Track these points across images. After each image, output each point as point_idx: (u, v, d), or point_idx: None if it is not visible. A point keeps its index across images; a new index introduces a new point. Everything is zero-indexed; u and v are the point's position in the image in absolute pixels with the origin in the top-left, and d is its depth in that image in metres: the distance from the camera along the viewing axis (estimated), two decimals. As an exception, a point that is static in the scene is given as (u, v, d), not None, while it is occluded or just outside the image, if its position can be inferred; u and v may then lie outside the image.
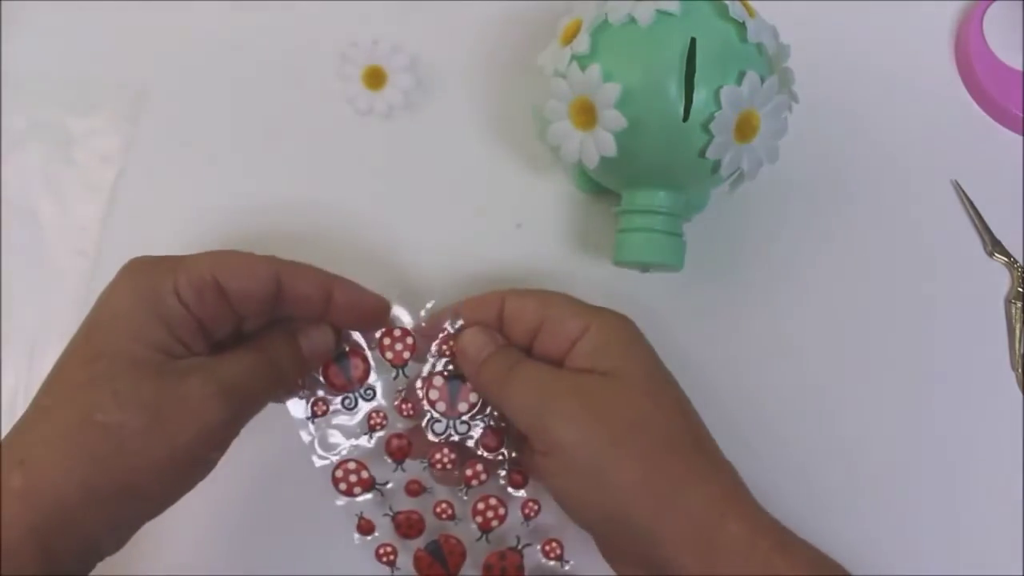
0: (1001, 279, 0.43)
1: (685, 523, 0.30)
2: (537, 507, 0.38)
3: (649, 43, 0.35)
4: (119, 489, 0.29)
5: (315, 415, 0.38)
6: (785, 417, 0.41)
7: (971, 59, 0.46)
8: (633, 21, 0.35)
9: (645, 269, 0.42)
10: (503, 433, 0.37)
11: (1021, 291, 0.43)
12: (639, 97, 0.35)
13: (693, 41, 0.34)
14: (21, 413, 0.34)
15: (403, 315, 0.38)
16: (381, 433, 0.38)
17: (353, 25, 0.46)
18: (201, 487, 0.32)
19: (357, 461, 0.38)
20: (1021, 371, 0.42)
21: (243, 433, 0.34)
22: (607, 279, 0.42)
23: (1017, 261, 0.43)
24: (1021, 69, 0.46)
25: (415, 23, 0.46)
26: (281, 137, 0.45)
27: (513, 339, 0.36)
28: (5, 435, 0.30)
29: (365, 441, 0.38)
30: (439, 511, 0.38)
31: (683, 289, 0.43)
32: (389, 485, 0.38)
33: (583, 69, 0.35)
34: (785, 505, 0.37)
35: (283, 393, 0.37)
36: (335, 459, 0.38)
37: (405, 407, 0.37)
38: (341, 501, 0.38)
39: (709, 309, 0.43)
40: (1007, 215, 0.44)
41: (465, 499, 0.38)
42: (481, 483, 0.37)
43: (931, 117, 0.46)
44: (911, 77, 0.46)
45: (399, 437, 0.38)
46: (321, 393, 0.38)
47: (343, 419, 0.38)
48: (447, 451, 0.36)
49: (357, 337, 0.37)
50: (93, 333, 0.31)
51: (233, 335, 0.35)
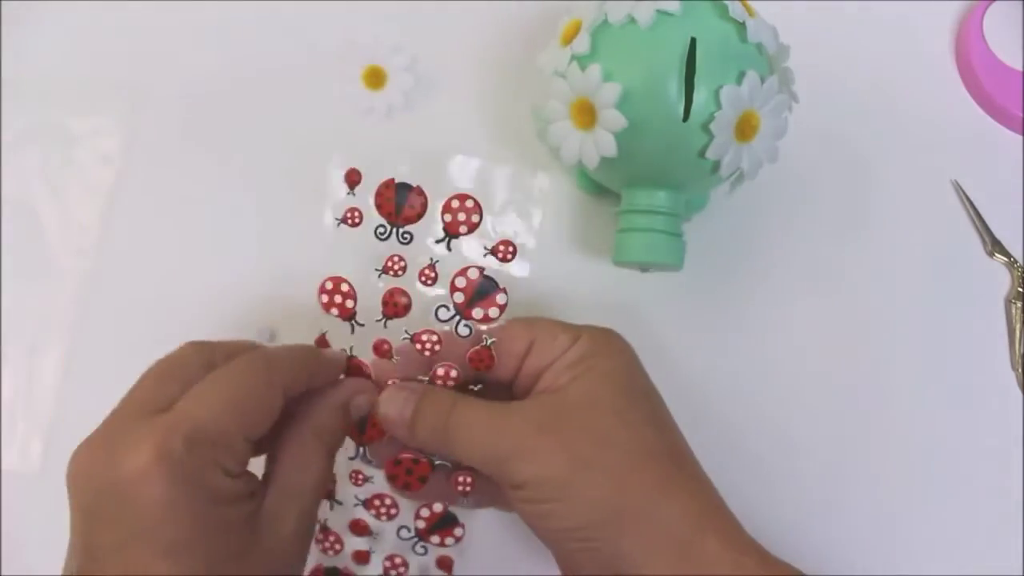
0: (1001, 279, 0.43)
1: (658, 538, 0.29)
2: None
3: (649, 43, 0.35)
4: None
5: None
6: (785, 417, 0.41)
7: (971, 59, 0.46)
8: (633, 21, 0.35)
9: (645, 269, 0.42)
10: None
11: (1021, 291, 0.43)
12: (639, 97, 0.35)
13: (693, 41, 0.34)
14: (21, 412, 0.33)
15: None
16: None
17: (353, 25, 0.46)
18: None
19: None
20: (1021, 371, 0.42)
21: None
22: (607, 279, 0.42)
23: (1017, 261, 0.43)
24: (1021, 69, 0.46)
25: (415, 23, 0.46)
26: (281, 137, 0.45)
27: (496, 374, 0.35)
28: None
29: None
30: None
31: (683, 289, 0.43)
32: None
33: (583, 69, 0.35)
34: (784, 504, 0.38)
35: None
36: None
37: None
38: None
39: (709, 309, 0.43)
40: (1007, 215, 0.44)
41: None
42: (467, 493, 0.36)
43: (931, 117, 0.46)
44: (911, 77, 0.46)
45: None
46: None
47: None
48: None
49: None
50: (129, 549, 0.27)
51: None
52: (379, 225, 0.36)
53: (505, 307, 0.35)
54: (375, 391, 0.35)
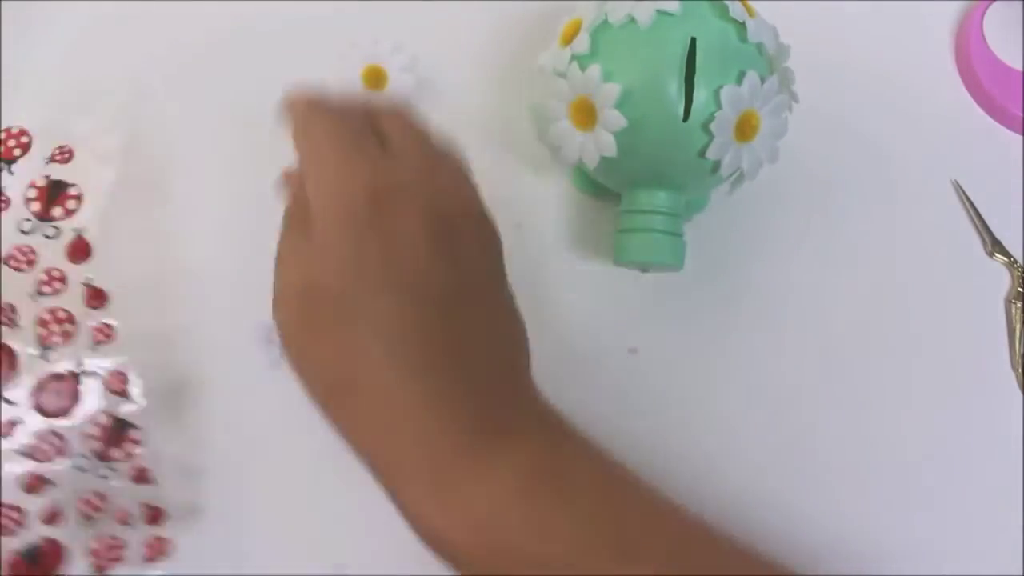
0: (1001, 279, 0.43)
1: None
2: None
3: (649, 43, 0.35)
4: None
5: None
6: (784, 417, 0.41)
7: (971, 59, 0.46)
8: (633, 21, 0.35)
9: (645, 269, 0.42)
10: None
11: (1021, 291, 0.43)
12: (639, 97, 0.35)
13: (693, 41, 0.34)
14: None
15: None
16: None
17: (353, 25, 0.46)
18: None
19: None
20: (1021, 371, 0.42)
21: None
22: (607, 279, 0.42)
23: (1017, 261, 0.43)
24: (1021, 69, 0.46)
25: (415, 23, 0.46)
26: (282, 136, 0.45)
27: None
28: None
29: None
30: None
31: (683, 289, 0.43)
32: None
33: (583, 69, 0.35)
34: (783, 503, 0.38)
35: None
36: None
37: None
38: None
39: (709, 309, 0.43)
40: (1007, 215, 0.44)
41: None
42: None
43: (931, 117, 0.46)
44: (911, 77, 0.46)
45: None
46: None
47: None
48: None
49: None
50: None
51: None
52: None
53: None
54: None
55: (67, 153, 0.35)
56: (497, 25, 0.46)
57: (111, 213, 0.37)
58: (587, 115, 0.36)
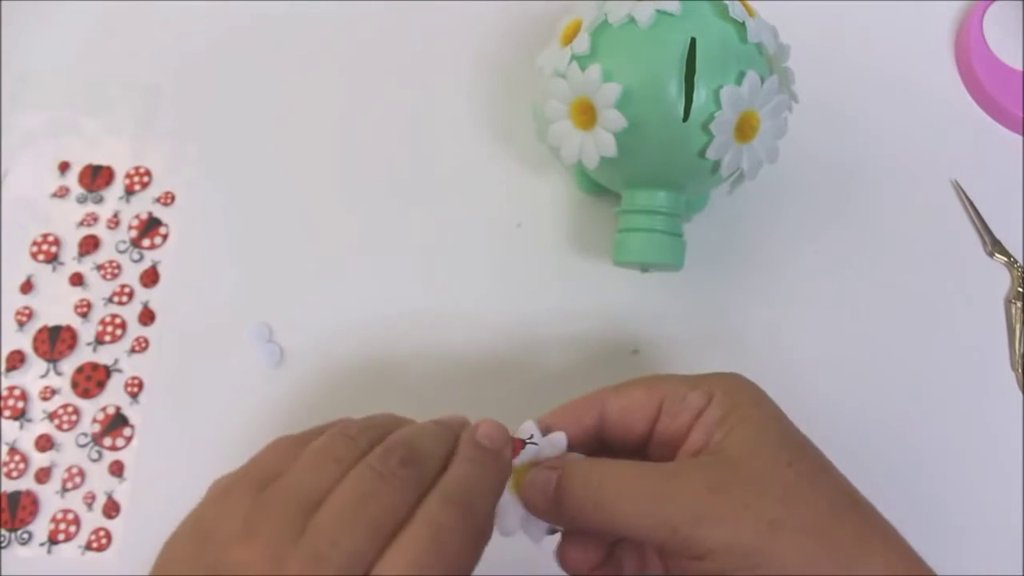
0: (1001, 279, 0.43)
1: None
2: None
3: (649, 43, 0.35)
4: None
5: None
6: (785, 417, 0.41)
7: (971, 59, 0.46)
8: (633, 21, 0.35)
9: (645, 269, 0.42)
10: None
11: (1021, 291, 0.43)
12: (639, 97, 0.35)
13: (693, 41, 0.34)
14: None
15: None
16: None
17: (353, 25, 0.46)
18: None
19: None
20: (1021, 371, 0.42)
21: None
22: (607, 279, 0.42)
23: (1017, 261, 0.43)
24: (1021, 69, 0.46)
25: (416, 22, 0.46)
26: (283, 136, 0.45)
27: (627, 440, 0.31)
28: None
29: None
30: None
31: (683, 289, 0.43)
32: None
33: (583, 69, 0.35)
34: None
35: None
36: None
37: None
38: None
39: (709, 309, 0.43)
40: (1007, 215, 0.44)
41: None
42: None
43: (931, 117, 0.46)
44: (911, 77, 0.46)
45: None
46: None
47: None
48: None
49: None
50: None
51: None
52: None
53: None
54: None
55: (170, 198, 0.44)
56: (497, 25, 0.46)
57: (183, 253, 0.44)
58: (587, 115, 0.36)
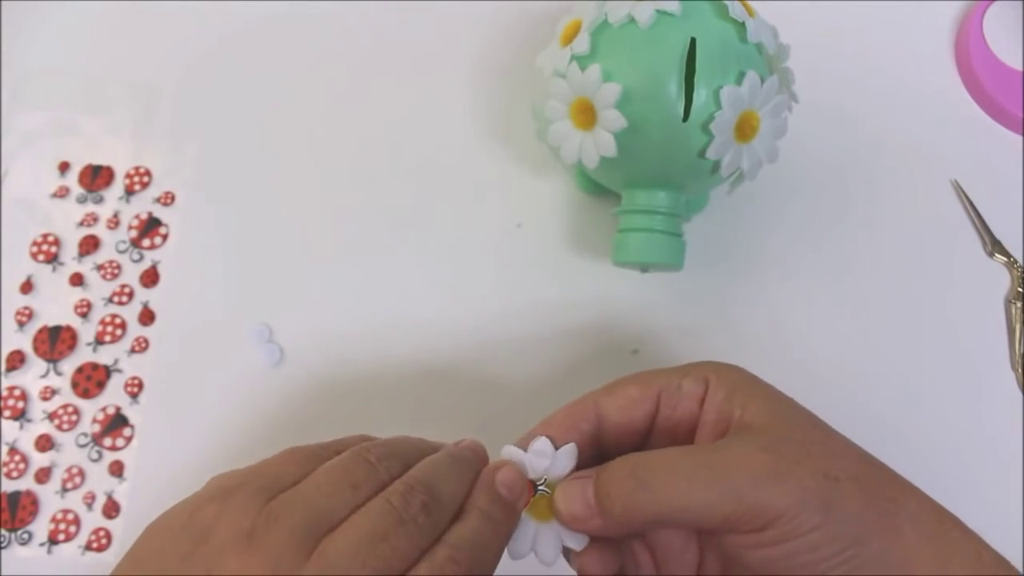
0: (1001, 279, 0.43)
1: (916, 535, 0.28)
2: None
3: (649, 43, 0.35)
4: None
5: None
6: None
7: (971, 59, 0.46)
8: (633, 21, 0.35)
9: (645, 269, 0.42)
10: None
11: (1021, 291, 0.43)
12: (639, 97, 0.35)
13: (693, 41, 0.34)
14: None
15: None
16: None
17: (353, 25, 0.46)
18: None
19: None
20: (1021, 371, 0.42)
21: None
22: (607, 279, 0.42)
23: (1017, 261, 0.43)
24: (1021, 69, 0.46)
25: (414, 21, 0.46)
26: (283, 136, 0.45)
27: (625, 440, 0.31)
28: None
29: None
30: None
31: (683, 289, 0.43)
32: None
33: (583, 69, 0.35)
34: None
35: None
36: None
37: None
38: None
39: (709, 309, 0.43)
40: (1007, 215, 0.44)
41: None
42: None
43: (931, 117, 0.46)
44: (911, 77, 0.46)
45: None
46: None
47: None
48: None
49: None
50: None
51: None
52: None
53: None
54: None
55: (170, 198, 0.44)
56: (497, 25, 0.46)
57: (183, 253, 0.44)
58: (587, 115, 0.36)
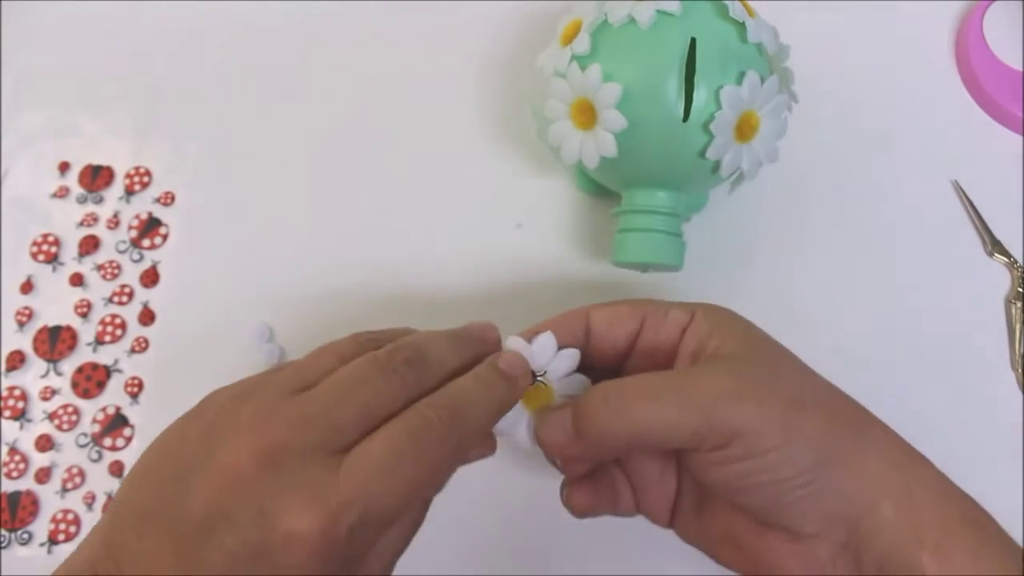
0: (1001, 279, 0.43)
1: (877, 469, 0.28)
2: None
3: (649, 43, 0.35)
4: None
5: None
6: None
7: (971, 59, 0.46)
8: (633, 21, 0.35)
9: (645, 269, 0.42)
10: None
11: (1021, 291, 0.43)
12: (639, 97, 0.35)
13: (693, 41, 0.34)
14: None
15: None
16: None
17: (353, 25, 0.47)
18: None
19: None
20: (1021, 371, 0.42)
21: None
22: (607, 279, 0.42)
23: (1017, 261, 0.43)
24: (1021, 69, 0.46)
25: (415, 20, 0.46)
26: (283, 136, 0.45)
27: (607, 354, 0.32)
28: None
29: None
30: None
31: (683, 289, 0.43)
32: None
33: (583, 69, 0.35)
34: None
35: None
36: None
37: None
38: None
39: (709, 309, 0.43)
40: (1007, 215, 0.44)
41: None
42: None
43: (931, 117, 0.46)
44: (911, 77, 0.46)
45: None
46: None
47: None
48: None
49: None
50: None
51: None
52: None
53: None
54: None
55: (170, 198, 0.44)
56: (497, 25, 0.46)
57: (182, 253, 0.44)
58: (587, 115, 0.36)
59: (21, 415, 0.41)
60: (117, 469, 0.40)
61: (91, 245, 0.43)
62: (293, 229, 0.44)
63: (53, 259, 0.43)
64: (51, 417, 0.41)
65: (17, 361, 0.41)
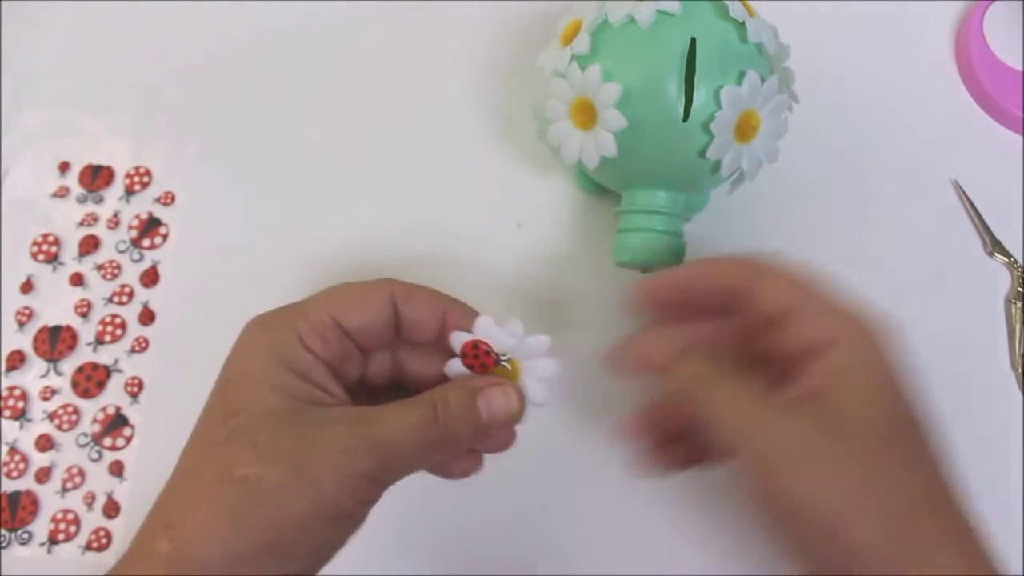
0: (1001, 279, 0.43)
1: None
2: None
3: (649, 43, 0.35)
4: (262, 547, 0.27)
5: None
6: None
7: (971, 59, 0.46)
8: (633, 21, 0.35)
9: (645, 269, 0.41)
10: None
11: (1021, 291, 0.43)
12: (639, 97, 0.35)
13: (693, 41, 0.34)
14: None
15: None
16: None
17: (353, 25, 0.46)
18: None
19: None
20: (1021, 371, 0.42)
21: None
22: (607, 279, 0.42)
23: (1017, 261, 0.43)
24: (1021, 69, 0.46)
25: (415, 20, 0.46)
26: (283, 135, 0.45)
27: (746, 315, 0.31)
28: (156, 499, 0.29)
29: None
30: None
31: (683, 289, 0.43)
32: None
33: (583, 69, 0.35)
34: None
35: (451, 458, 0.33)
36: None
37: None
38: None
39: (709, 309, 0.43)
40: (1007, 215, 0.44)
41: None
42: None
43: (931, 117, 0.46)
44: (911, 77, 0.46)
45: None
46: None
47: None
48: None
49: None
50: (227, 391, 0.30)
51: (391, 384, 0.33)
52: None
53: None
54: (518, 404, 0.32)
55: (170, 198, 0.44)
56: (497, 25, 0.46)
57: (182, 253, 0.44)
58: (587, 115, 0.36)
59: (21, 415, 0.41)
60: (117, 469, 0.40)
61: (91, 245, 0.43)
62: (293, 229, 0.44)
63: (53, 259, 0.43)
64: (51, 417, 0.41)
65: (17, 361, 0.41)
